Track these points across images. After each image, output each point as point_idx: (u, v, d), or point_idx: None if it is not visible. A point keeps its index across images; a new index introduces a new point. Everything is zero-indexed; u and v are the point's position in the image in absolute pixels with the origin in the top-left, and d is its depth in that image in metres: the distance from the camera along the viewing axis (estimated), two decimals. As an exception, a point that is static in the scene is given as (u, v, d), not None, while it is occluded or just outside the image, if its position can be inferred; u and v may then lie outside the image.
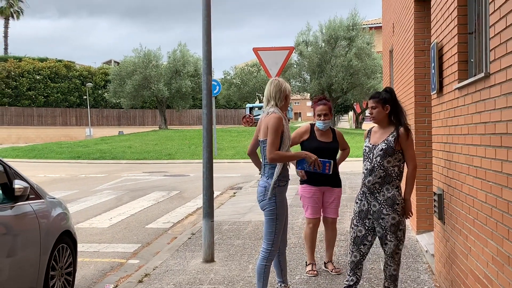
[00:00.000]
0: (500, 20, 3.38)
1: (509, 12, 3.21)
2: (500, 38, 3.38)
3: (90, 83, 51.72)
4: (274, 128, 4.61)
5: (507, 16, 3.24)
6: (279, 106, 4.80)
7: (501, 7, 3.36)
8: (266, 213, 4.78)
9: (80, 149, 30.34)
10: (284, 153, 4.69)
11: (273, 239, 4.77)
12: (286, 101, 4.86)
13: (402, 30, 8.58)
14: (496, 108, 3.48)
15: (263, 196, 4.77)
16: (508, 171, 3.24)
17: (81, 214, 10.78)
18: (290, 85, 46.58)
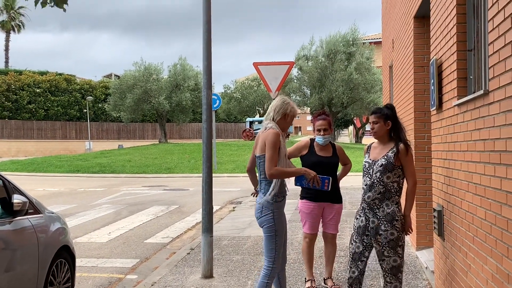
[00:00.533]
0: (499, 38, 3.40)
1: (507, 30, 3.22)
2: (499, 56, 3.39)
3: (91, 96, 51.82)
4: (272, 144, 4.58)
5: (506, 34, 3.25)
6: (275, 121, 4.77)
7: (500, 25, 3.37)
8: (265, 230, 4.75)
9: (79, 163, 30.32)
10: (283, 169, 4.65)
11: (274, 256, 4.72)
12: (284, 119, 4.80)
13: (402, 46, 8.62)
14: (495, 125, 3.48)
15: (260, 212, 4.74)
16: (507, 188, 3.24)
17: (79, 228, 10.75)
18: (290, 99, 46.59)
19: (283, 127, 4.83)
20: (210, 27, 6.84)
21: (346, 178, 6.70)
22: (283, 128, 4.83)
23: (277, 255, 4.73)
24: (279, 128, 4.73)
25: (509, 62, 3.19)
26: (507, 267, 3.27)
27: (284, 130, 4.87)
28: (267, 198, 4.68)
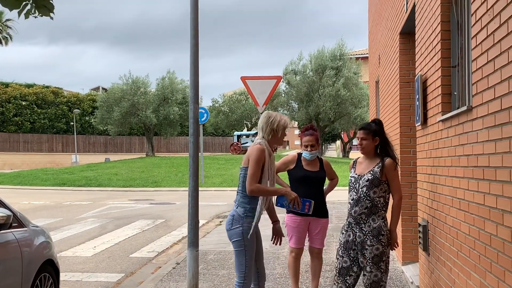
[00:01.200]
0: (482, 54, 3.45)
1: (490, 47, 3.27)
2: (482, 73, 3.44)
3: (78, 109, 51.61)
4: (255, 160, 4.52)
5: (489, 51, 3.30)
6: (267, 140, 4.70)
7: (483, 42, 3.42)
8: (234, 244, 4.65)
9: (65, 176, 30.11)
10: (264, 187, 4.59)
11: (245, 271, 4.62)
12: (275, 135, 4.71)
13: (388, 61, 8.70)
14: (478, 141, 3.52)
15: (230, 225, 4.66)
16: (490, 203, 3.27)
17: (64, 242, 10.65)
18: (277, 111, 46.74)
19: (278, 142, 4.79)
20: (197, 41, 6.86)
21: (333, 193, 6.71)
22: (278, 143, 4.81)
23: (248, 270, 4.63)
24: (267, 145, 4.66)
25: (492, 79, 3.24)
26: (490, 282, 3.29)
27: (280, 144, 4.84)
28: (239, 211, 4.63)
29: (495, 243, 3.20)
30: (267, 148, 4.65)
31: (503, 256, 3.05)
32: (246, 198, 4.64)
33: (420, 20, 5.62)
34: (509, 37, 2.94)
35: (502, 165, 3.05)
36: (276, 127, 4.71)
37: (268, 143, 4.71)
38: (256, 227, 4.68)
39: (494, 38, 3.21)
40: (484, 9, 3.39)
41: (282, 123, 4.75)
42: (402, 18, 6.99)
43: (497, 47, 3.15)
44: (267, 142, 4.70)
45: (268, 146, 4.67)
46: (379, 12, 10.24)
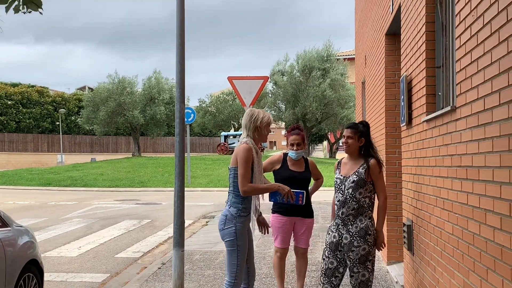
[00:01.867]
0: (465, 55, 3.47)
1: (473, 48, 3.30)
2: (465, 73, 3.46)
3: (63, 109, 51.28)
4: (243, 160, 4.53)
5: (472, 52, 3.32)
6: (252, 138, 4.71)
7: (467, 42, 3.45)
8: (226, 243, 4.66)
9: (51, 176, 29.89)
10: (257, 186, 4.61)
11: (236, 271, 4.63)
12: (259, 132, 4.72)
13: (374, 62, 8.73)
14: (462, 141, 3.54)
15: (223, 225, 4.67)
16: (473, 203, 3.29)
17: (49, 242, 10.58)
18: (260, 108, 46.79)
19: (263, 139, 4.80)
20: (183, 41, 6.84)
21: (319, 193, 6.74)
22: (263, 140, 4.81)
23: (239, 270, 4.64)
24: (253, 143, 4.67)
25: (475, 79, 3.26)
26: (473, 281, 3.32)
27: (264, 140, 4.84)
28: (232, 211, 4.64)
29: (478, 242, 3.22)
30: (254, 146, 4.65)
31: (486, 255, 3.07)
32: (239, 198, 4.65)
33: (406, 21, 5.65)
34: (492, 37, 2.96)
35: (485, 164, 3.07)
36: (259, 124, 4.71)
37: (253, 141, 4.71)
38: (252, 224, 4.79)
39: (477, 38, 3.23)
40: (468, 9, 3.42)
41: (265, 119, 4.74)
42: (388, 19, 7.02)
43: (480, 47, 3.17)
44: (253, 140, 4.71)
45: (254, 144, 4.67)
46: (365, 13, 10.28)
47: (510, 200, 2.68)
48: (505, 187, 2.75)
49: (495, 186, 2.91)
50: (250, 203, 4.73)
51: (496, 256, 2.90)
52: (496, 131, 2.88)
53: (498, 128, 2.85)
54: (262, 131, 4.74)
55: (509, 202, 2.69)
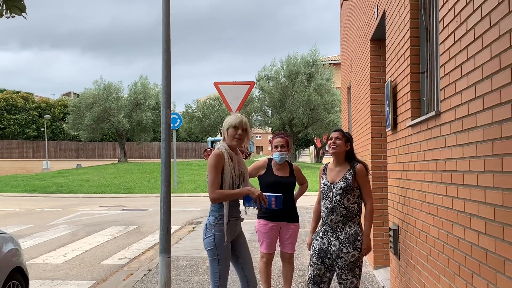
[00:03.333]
0: (449, 60, 3.50)
1: (457, 53, 3.32)
2: (449, 78, 3.49)
3: (48, 115, 50.92)
4: (211, 166, 4.43)
5: (456, 57, 3.35)
6: (227, 142, 4.58)
7: (450, 48, 3.47)
8: (207, 252, 4.57)
9: (36, 182, 29.66)
10: (225, 192, 4.44)
11: (219, 281, 4.52)
12: (228, 135, 4.55)
13: (359, 67, 8.77)
14: (446, 146, 3.56)
15: (204, 234, 4.58)
16: (458, 207, 3.31)
17: (34, 249, 10.48)
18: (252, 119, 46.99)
19: (231, 142, 4.55)
20: (169, 46, 6.83)
21: (306, 198, 6.74)
22: (233, 144, 4.55)
23: (222, 279, 4.53)
24: (227, 148, 4.52)
25: (459, 84, 3.29)
26: (459, 285, 3.33)
27: (239, 142, 4.56)
28: (210, 219, 4.54)
29: (463, 246, 3.24)
30: (227, 151, 4.50)
31: (471, 259, 3.08)
32: (216, 206, 4.55)
33: (390, 27, 5.68)
34: (475, 43, 2.99)
35: (469, 169, 3.09)
36: (226, 127, 4.57)
37: (229, 146, 4.58)
38: (229, 234, 4.57)
39: (461, 44, 3.25)
40: (452, 15, 3.44)
41: (230, 121, 4.56)
42: (373, 25, 7.06)
43: (464, 53, 3.20)
44: (228, 145, 4.58)
45: (228, 149, 4.53)
46: (351, 19, 10.33)
47: (494, 205, 2.70)
48: (489, 191, 2.77)
49: (479, 190, 2.93)
50: (232, 208, 4.60)
51: (481, 260, 2.92)
52: (480, 136, 2.90)
53: (482, 133, 2.87)
54: (226, 133, 4.57)
55: (493, 207, 2.71)
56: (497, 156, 2.65)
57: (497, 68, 2.66)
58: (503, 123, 2.58)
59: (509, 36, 2.51)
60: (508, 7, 2.53)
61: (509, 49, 2.52)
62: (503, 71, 2.58)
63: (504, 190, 2.57)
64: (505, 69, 2.56)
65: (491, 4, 2.74)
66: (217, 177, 4.42)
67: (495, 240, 2.69)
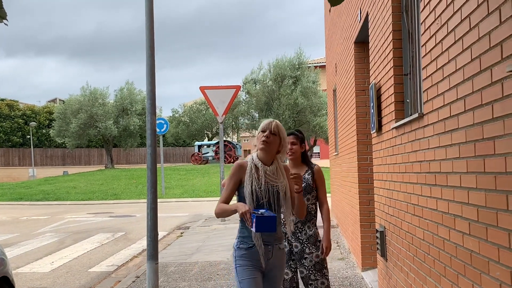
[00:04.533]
0: (431, 62, 3.52)
1: (439, 56, 3.34)
2: (431, 80, 3.51)
3: (34, 122, 50.57)
4: (227, 177, 3.84)
5: (438, 59, 3.37)
6: (256, 150, 3.87)
7: (432, 50, 3.50)
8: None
9: (22, 190, 29.43)
10: (222, 207, 3.73)
11: None
12: (257, 140, 3.84)
13: (344, 70, 8.81)
14: (430, 147, 3.58)
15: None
16: (443, 209, 3.33)
17: (21, 258, 10.38)
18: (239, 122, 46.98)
19: (262, 145, 3.77)
20: (153, 52, 6.81)
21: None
22: (263, 146, 3.76)
23: None
24: (254, 158, 3.79)
25: (441, 86, 3.31)
26: (444, 286, 3.35)
27: (266, 146, 3.75)
28: (234, 242, 3.85)
29: (448, 247, 3.25)
30: (253, 161, 3.78)
31: (456, 260, 3.10)
32: (239, 225, 3.86)
33: (373, 29, 5.71)
34: (456, 45, 3.01)
35: (453, 170, 3.11)
36: (257, 133, 3.90)
37: (258, 155, 3.81)
38: (251, 262, 3.74)
39: (442, 46, 3.28)
40: (433, 18, 3.47)
41: (260, 126, 3.90)
42: (356, 27, 7.10)
43: (445, 55, 3.22)
44: (258, 154, 3.81)
45: (256, 159, 3.79)
46: (335, 22, 10.37)
47: (477, 206, 2.72)
48: (472, 192, 2.79)
49: (462, 191, 2.95)
50: (249, 231, 3.71)
51: (465, 261, 2.94)
52: (462, 137, 2.92)
53: (464, 135, 2.89)
54: (256, 139, 3.89)
55: (477, 208, 2.73)
56: (479, 157, 2.67)
57: (477, 70, 2.68)
58: (484, 124, 2.60)
59: (489, 38, 2.54)
60: (487, 9, 2.55)
61: (488, 51, 2.54)
62: (483, 73, 2.60)
63: (486, 191, 2.59)
64: (485, 70, 2.58)
65: (471, 7, 2.77)
66: (227, 189, 3.78)
67: (479, 241, 2.71)
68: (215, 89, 15.03)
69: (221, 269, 8.46)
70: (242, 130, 48.04)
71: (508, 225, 2.34)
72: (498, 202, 2.44)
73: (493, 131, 2.49)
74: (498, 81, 2.42)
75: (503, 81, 2.37)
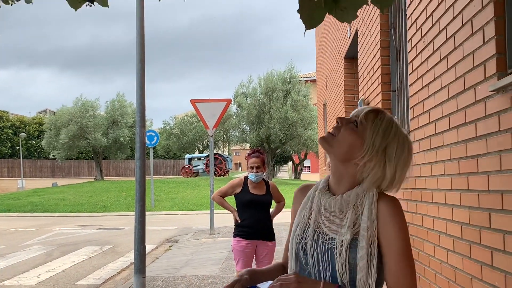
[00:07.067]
0: (417, 80, 3.56)
1: (425, 73, 3.38)
2: (418, 97, 3.55)
3: (23, 133, 50.32)
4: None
5: (424, 77, 3.41)
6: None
7: (418, 68, 3.54)
8: None
9: (10, 202, 29.18)
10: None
11: None
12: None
13: (334, 85, 8.86)
14: (416, 163, 3.61)
15: None
16: (428, 225, 3.35)
17: (8, 270, 10.28)
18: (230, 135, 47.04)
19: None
20: (143, 66, 6.84)
21: (282, 215, 6.74)
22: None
23: None
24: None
25: (427, 104, 3.34)
26: (429, 302, 3.36)
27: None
28: None
29: (433, 264, 3.27)
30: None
31: (441, 276, 3.11)
32: None
33: (362, 46, 5.77)
34: (441, 63, 3.05)
35: (438, 187, 3.14)
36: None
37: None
38: None
39: (428, 64, 3.32)
40: (419, 36, 3.51)
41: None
42: (346, 43, 7.16)
43: (431, 72, 3.26)
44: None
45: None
46: (325, 38, 10.45)
47: (461, 223, 2.74)
48: (456, 209, 2.82)
49: (447, 208, 2.97)
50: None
51: (449, 277, 2.95)
52: (447, 154, 2.95)
53: (449, 152, 2.92)
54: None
55: (461, 225, 2.75)
56: (463, 175, 2.70)
57: (461, 89, 2.72)
58: (468, 143, 2.63)
59: (472, 57, 2.57)
60: (471, 29, 2.59)
61: (472, 70, 2.58)
62: (467, 92, 2.64)
63: (470, 208, 2.61)
64: (469, 89, 2.62)
65: (455, 26, 2.81)
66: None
67: (463, 258, 2.73)
68: (206, 102, 15.05)
69: (209, 283, 8.42)
70: (233, 143, 48.08)
71: (491, 243, 2.37)
72: (481, 220, 2.46)
73: (477, 149, 2.52)
74: (482, 100, 2.46)
75: (486, 100, 2.41)
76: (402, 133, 1.69)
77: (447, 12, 2.93)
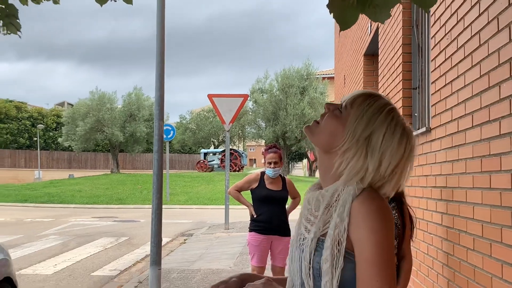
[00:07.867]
0: (440, 77, 3.53)
1: (448, 70, 3.36)
2: (440, 95, 3.52)
3: (41, 124, 50.76)
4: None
5: (447, 74, 3.38)
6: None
7: (441, 65, 3.51)
8: None
9: (27, 192, 29.49)
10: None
11: None
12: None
13: (352, 82, 8.82)
14: (436, 162, 3.59)
15: None
16: (448, 224, 3.33)
17: (24, 260, 10.40)
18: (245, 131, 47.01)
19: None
20: (163, 58, 6.86)
21: (298, 211, 6.73)
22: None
23: None
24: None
25: (449, 101, 3.32)
26: (447, 301, 3.34)
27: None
28: None
29: (452, 262, 3.25)
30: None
31: (460, 275, 3.09)
32: None
33: (383, 42, 5.73)
34: (465, 60, 3.03)
35: (459, 185, 3.12)
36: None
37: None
38: None
39: (452, 61, 3.29)
40: (443, 33, 3.48)
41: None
42: (366, 40, 7.12)
43: (454, 70, 3.23)
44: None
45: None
46: (345, 34, 10.40)
47: (482, 221, 2.72)
48: (477, 208, 2.79)
49: (468, 207, 2.95)
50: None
51: (469, 276, 2.93)
52: (469, 152, 2.93)
53: (471, 150, 2.90)
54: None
55: (481, 223, 2.73)
56: (486, 173, 2.68)
57: (486, 86, 2.69)
58: (491, 141, 2.61)
59: (498, 55, 2.55)
60: (497, 26, 2.56)
61: (497, 68, 2.56)
62: (492, 89, 2.61)
63: (491, 207, 2.59)
64: (493, 87, 2.59)
65: (481, 23, 2.78)
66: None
67: (483, 257, 2.71)
68: (223, 97, 15.05)
69: (223, 277, 8.45)
70: (248, 139, 48.10)
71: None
72: (503, 218, 2.44)
73: (500, 147, 2.50)
74: (506, 98, 2.44)
75: (511, 98, 2.38)
76: (396, 123, 1.46)
77: (472, 9, 2.91)
